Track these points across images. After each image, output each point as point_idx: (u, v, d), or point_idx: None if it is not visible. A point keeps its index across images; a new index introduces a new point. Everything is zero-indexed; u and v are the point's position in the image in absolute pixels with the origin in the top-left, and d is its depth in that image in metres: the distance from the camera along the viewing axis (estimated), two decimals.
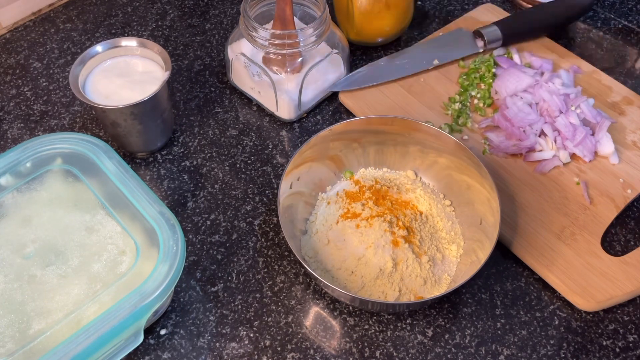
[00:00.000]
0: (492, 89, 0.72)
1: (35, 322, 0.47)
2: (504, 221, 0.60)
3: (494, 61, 0.75)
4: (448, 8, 0.84)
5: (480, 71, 0.74)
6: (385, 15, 0.73)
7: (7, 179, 0.55)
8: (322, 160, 0.63)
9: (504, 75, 0.72)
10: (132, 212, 0.52)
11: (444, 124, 0.69)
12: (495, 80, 0.72)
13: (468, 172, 0.60)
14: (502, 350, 0.54)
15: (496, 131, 0.68)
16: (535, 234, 0.60)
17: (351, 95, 0.72)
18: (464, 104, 0.71)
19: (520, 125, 0.67)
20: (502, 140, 0.67)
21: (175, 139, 0.70)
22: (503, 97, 0.70)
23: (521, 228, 0.60)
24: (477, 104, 0.71)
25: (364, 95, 0.72)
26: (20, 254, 0.51)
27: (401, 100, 0.71)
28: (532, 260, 0.58)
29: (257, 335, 0.55)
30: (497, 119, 0.68)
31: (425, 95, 0.72)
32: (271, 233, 0.62)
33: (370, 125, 0.62)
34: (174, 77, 0.76)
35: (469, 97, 0.72)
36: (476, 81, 0.73)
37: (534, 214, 0.62)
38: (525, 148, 0.66)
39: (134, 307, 0.47)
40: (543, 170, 0.65)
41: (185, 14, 0.84)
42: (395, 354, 0.54)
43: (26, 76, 0.76)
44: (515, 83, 0.70)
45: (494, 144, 0.67)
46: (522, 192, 0.64)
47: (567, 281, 0.57)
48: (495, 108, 0.71)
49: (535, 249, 0.59)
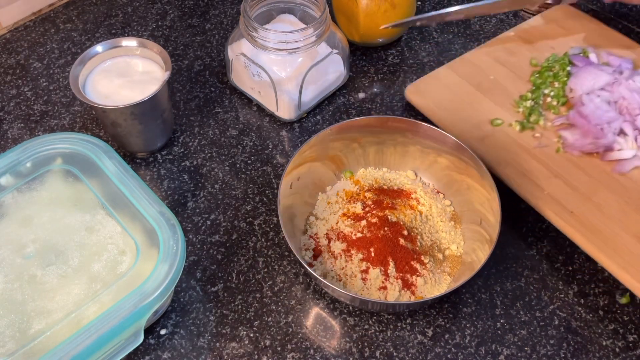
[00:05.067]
0: (566, 87, 0.69)
1: (36, 322, 0.47)
2: (579, 221, 0.58)
3: (569, 60, 0.72)
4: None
5: (554, 69, 0.71)
6: (391, 14, 0.73)
7: (7, 179, 0.55)
8: (322, 160, 0.63)
9: (580, 73, 0.69)
10: (132, 212, 0.52)
11: (515, 121, 0.67)
12: (570, 78, 0.70)
13: (468, 172, 0.60)
14: (502, 350, 0.54)
15: (571, 129, 0.66)
16: (614, 236, 0.57)
17: (417, 91, 0.70)
18: (536, 102, 0.69)
19: (598, 123, 0.64)
20: (578, 138, 0.64)
21: (175, 139, 0.70)
22: (579, 95, 0.67)
23: (598, 229, 0.58)
24: (551, 102, 0.69)
25: (431, 93, 0.70)
26: (20, 254, 0.51)
27: (469, 97, 0.70)
28: (610, 262, 0.56)
29: (257, 335, 0.55)
30: (573, 117, 0.66)
31: (494, 92, 0.70)
32: (271, 233, 0.62)
33: (370, 125, 0.62)
34: (174, 77, 0.76)
35: (542, 95, 0.69)
36: (549, 79, 0.71)
37: (613, 215, 0.59)
38: (602, 147, 0.63)
39: (134, 307, 0.47)
40: (622, 170, 0.62)
41: (185, 14, 0.84)
42: (395, 354, 0.54)
43: (26, 76, 0.76)
44: (593, 81, 0.67)
45: (568, 142, 0.65)
46: (598, 192, 0.61)
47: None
48: (569, 107, 0.68)
49: (613, 250, 0.56)
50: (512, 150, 0.64)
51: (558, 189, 0.61)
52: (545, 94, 0.70)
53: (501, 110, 0.69)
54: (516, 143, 0.65)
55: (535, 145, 0.65)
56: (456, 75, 0.72)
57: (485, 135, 0.66)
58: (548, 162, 0.63)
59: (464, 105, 0.69)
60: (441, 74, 0.72)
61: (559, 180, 0.62)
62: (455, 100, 0.69)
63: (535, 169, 0.63)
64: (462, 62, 0.74)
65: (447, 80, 0.71)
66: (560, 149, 0.65)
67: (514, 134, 0.66)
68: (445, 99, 0.69)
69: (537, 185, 0.61)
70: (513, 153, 0.64)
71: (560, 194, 0.60)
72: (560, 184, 0.61)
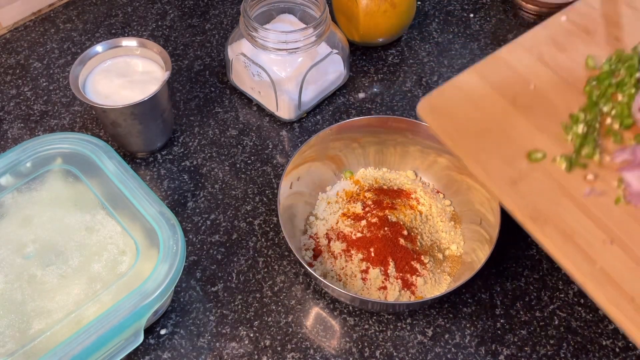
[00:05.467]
0: (634, 104, 0.49)
1: (35, 322, 0.47)
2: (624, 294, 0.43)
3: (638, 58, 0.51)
4: (448, 8, 0.84)
5: (619, 75, 0.51)
6: (392, 14, 0.73)
7: (7, 179, 0.55)
8: (322, 160, 0.63)
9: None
10: (132, 212, 0.52)
11: (561, 156, 0.48)
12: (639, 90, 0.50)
13: (468, 172, 0.59)
14: (502, 350, 0.54)
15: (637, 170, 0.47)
16: None
17: (432, 108, 0.52)
18: (591, 125, 0.49)
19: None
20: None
21: (175, 139, 0.70)
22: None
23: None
24: (611, 124, 0.50)
25: (451, 110, 0.52)
26: (20, 254, 0.51)
27: (501, 117, 0.51)
28: None
29: (257, 335, 0.55)
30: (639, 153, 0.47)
31: (536, 110, 0.51)
32: (271, 233, 0.62)
33: (370, 125, 0.62)
34: (174, 77, 0.76)
35: (600, 115, 0.50)
36: (611, 90, 0.51)
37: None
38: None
39: (134, 307, 0.47)
40: None
41: (185, 14, 0.84)
42: (395, 353, 0.54)
43: (26, 76, 0.76)
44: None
45: (633, 190, 0.46)
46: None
47: None
48: (636, 132, 0.49)
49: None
50: (555, 199, 0.47)
51: (615, 261, 0.44)
52: (604, 113, 0.51)
53: (543, 137, 0.50)
54: (561, 188, 0.48)
55: (586, 192, 0.47)
56: (485, 84, 0.53)
57: (520, 176, 0.48)
58: (603, 218, 0.46)
59: (494, 129, 0.51)
60: (465, 81, 0.54)
61: (616, 247, 0.44)
62: (482, 122, 0.51)
63: (585, 229, 0.45)
64: (494, 62, 0.55)
65: (472, 91, 0.53)
66: (622, 199, 0.46)
67: (558, 175, 0.48)
68: (469, 120, 0.51)
69: (587, 254, 0.44)
70: (555, 203, 0.47)
71: (618, 270, 0.43)
72: (619, 254, 0.44)
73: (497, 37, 0.80)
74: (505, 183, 0.48)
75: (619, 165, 0.48)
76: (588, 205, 0.47)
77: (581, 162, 0.48)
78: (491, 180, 0.48)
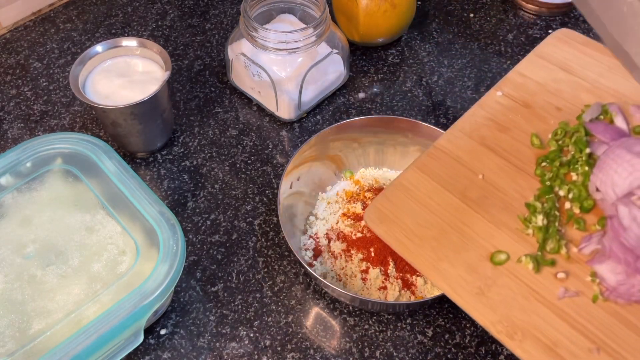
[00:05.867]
0: (589, 183, 0.46)
1: (35, 322, 0.47)
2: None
3: (585, 131, 0.48)
4: (448, 8, 0.84)
5: (567, 153, 0.48)
6: (392, 14, 0.73)
7: (7, 179, 0.55)
8: (322, 160, 0.63)
9: (605, 161, 0.44)
10: (132, 212, 0.52)
11: (526, 256, 0.44)
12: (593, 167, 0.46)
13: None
14: (502, 350, 0.54)
15: (609, 261, 0.43)
16: None
17: (380, 216, 0.48)
18: (550, 214, 0.45)
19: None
20: (623, 279, 0.42)
21: (175, 139, 0.70)
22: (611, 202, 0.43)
23: None
24: (571, 209, 0.46)
25: (398, 213, 0.48)
26: (20, 254, 0.51)
27: (454, 217, 0.47)
28: None
29: (257, 335, 0.55)
30: (609, 247, 0.42)
31: (489, 203, 0.47)
32: (271, 233, 0.62)
33: (370, 125, 0.62)
34: (174, 77, 0.76)
35: (557, 200, 0.46)
36: (563, 170, 0.47)
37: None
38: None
39: (134, 307, 0.47)
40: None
41: (185, 14, 0.84)
42: (395, 354, 0.54)
43: (26, 76, 0.76)
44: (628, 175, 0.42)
45: (608, 285, 0.42)
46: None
47: None
48: (599, 214, 0.45)
49: None
50: (529, 307, 0.43)
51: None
52: (561, 197, 0.47)
53: (502, 234, 0.46)
54: (533, 293, 0.43)
55: (560, 294, 0.43)
56: (430, 181, 0.49)
57: (486, 284, 0.44)
58: (584, 322, 0.42)
59: (448, 231, 0.46)
60: (409, 181, 0.50)
61: (605, 355, 0.40)
62: (436, 225, 0.47)
63: (567, 338, 0.41)
64: (435, 154, 0.51)
65: (418, 190, 0.49)
66: (599, 296, 0.42)
67: (527, 277, 0.44)
68: (422, 224, 0.47)
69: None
70: (530, 312, 0.42)
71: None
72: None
73: (497, 37, 0.80)
74: (472, 295, 0.43)
75: (589, 257, 0.44)
76: (565, 309, 0.42)
77: (548, 259, 0.44)
78: (457, 294, 0.44)
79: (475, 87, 0.74)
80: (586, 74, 0.53)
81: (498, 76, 0.75)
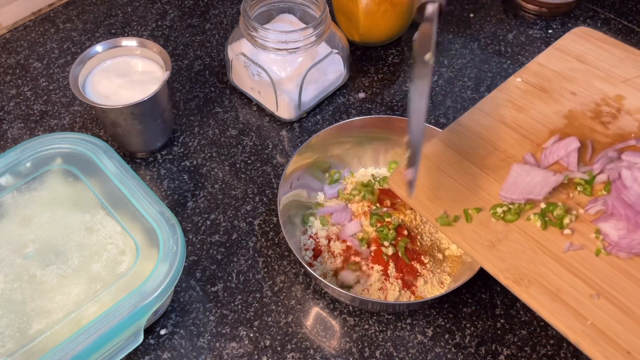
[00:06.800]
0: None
1: (35, 322, 0.47)
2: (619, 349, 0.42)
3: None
4: (448, 8, 0.84)
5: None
6: (392, 14, 0.73)
7: (7, 179, 0.55)
8: (322, 160, 0.63)
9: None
10: (132, 212, 0.52)
11: (533, 214, 0.49)
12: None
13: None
14: (502, 350, 0.54)
15: (613, 220, 0.47)
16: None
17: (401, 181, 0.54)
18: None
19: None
20: (624, 234, 0.46)
21: (175, 139, 0.70)
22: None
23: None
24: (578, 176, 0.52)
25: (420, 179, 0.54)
26: (20, 254, 0.51)
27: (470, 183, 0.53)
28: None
29: (257, 335, 0.55)
30: (612, 205, 0.47)
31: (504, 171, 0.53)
32: (271, 233, 0.62)
33: (370, 125, 0.62)
34: (174, 77, 0.76)
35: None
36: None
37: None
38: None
39: (134, 307, 0.47)
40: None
41: (185, 14, 0.84)
42: (395, 354, 0.54)
43: (26, 76, 0.76)
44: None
45: (611, 240, 0.47)
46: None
47: None
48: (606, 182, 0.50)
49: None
50: (536, 258, 0.47)
51: (606, 314, 0.44)
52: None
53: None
54: (540, 247, 0.48)
55: (566, 247, 0.48)
56: (451, 151, 0.56)
57: (497, 238, 0.49)
58: (587, 272, 0.46)
59: (465, 193, 0.52)
60: (432, 151, 0.56)
61: (604, 300, 0.44)
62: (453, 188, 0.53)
63: (570, 286, 0.45)
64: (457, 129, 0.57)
65: (440, 160, 0.55)
66: (601, 251, 0.47)
67: (535, 233, 0.49)
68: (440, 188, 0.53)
69: (576, 311, 0.44)
70: (537, 262, 0.47)
71: (609, 324, 0.43)
72: (608, 307, 0.44)
73: (497, 37, 0.80)
74: (484, 247, 0.48)
75: (594, 216, 0.48)
76: (569, 261, 0.47)
77: (555, 222, 0.49)
78: (470, 246, 0.49)
79: (475, 87, 0.74)
80: (600, 64, 0.59)
81: (498, 76, 0.75)
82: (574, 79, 0.59)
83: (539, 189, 0.49)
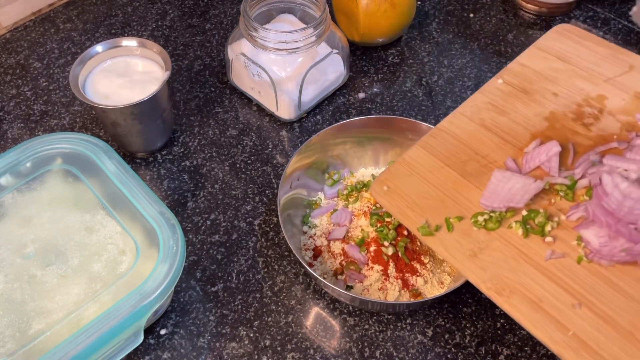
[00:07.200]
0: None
1: (35, 322, 0.47)
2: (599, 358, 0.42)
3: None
4: (448, 8, 0.84)
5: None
6: (392, 14, 0.73)
7: (7, 179, 0.55)
8: (322, 160, 0.63)
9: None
10: (132, 212, 0.52)
11: (515, 222, 0.49)
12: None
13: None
14: (502, 350, 0.54)
15: (594, 227, 0.46)
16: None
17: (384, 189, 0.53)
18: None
19: (631, 221, 0.44)
20: (605, 241, 0.45)
21: (175, 139, 0.70)
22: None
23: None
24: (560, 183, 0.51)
25: (401, 187, 0.53)
26: (20, 254, 0.51)
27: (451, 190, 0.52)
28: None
29: (257, 335, 0.55)
30: (592, 213, 0.46)
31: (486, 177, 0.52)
32: (271, 233, 0.62)
33: (370, 125, 0.62)
34: (174, 77, 0.76)
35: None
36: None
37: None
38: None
39: (134, 307, 0.47)
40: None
41: (185, 14, 0.84)
42: (395, 353, 0.54)
43: (26, 76, 0.76)
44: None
45: (592, 248, 0.46)
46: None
47: None
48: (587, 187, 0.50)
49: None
50: (517, 267, 0.46)
51: (587, 324, 0.43)
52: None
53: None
54: (522, 255, 0.47)
55: (547, 255, 0.47)
56: (431, 157, 0.54)
57: (479, 247, 0.48)
58: (568, 280, 0.45)
59: (447, 201, 0.51)
60: (413, 158, 0.55)
61: (586, 309, 0.44)
62: (435, 196, 0.52)
63: (552, 295, 0.45)
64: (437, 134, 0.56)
65: (421, 166, 0.54)
66: (583, 258, 0.46)
67: (517, 241, 0.48)
68: (422, 196, 0.52)
69: (557, 321, 0.43)
70: (519, 271, 0.46)
71: (590, 333, 0.43)
72: (589, 316, 0.43)
73: (497, 37, 0.80)
74: (466, 257, 0.47)
75: (575, 223, 0.47)
76: (551, 269, 0.46)
77: (537, 229, 0.48)
78: (451, 256, 0.48)
79: (475, 87, 0.74)
80: (581, 62, 0.58)
81: None
82: (556, 79, 0.57)
83: (519, 197, 0.48)
